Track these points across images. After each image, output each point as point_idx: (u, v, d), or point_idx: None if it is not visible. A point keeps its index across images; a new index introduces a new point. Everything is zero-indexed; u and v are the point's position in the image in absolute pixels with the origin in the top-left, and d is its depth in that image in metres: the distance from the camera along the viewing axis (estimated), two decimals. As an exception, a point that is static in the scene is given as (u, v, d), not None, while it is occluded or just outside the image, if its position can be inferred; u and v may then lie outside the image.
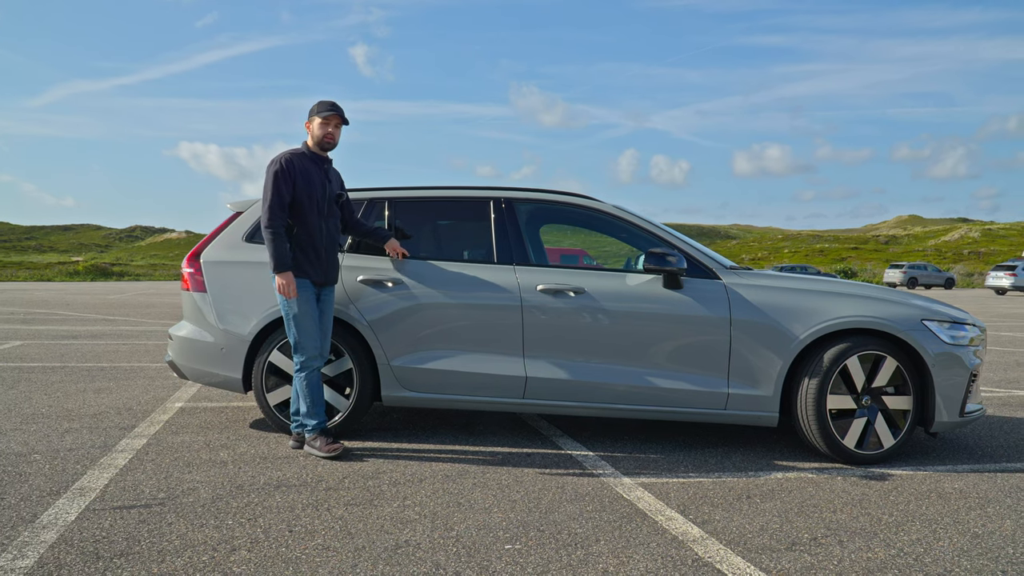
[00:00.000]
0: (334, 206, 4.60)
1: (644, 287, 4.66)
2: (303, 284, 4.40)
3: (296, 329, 4.38)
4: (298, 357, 4.42)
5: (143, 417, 5.35)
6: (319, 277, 4.48)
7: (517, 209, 4.98)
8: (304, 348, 4.40)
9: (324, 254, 4.49)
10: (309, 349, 4.40)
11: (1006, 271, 37.79)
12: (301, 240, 4.43)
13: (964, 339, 4.58)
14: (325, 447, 4.36)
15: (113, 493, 3.64)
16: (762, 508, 3.65)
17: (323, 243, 4.48)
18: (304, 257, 4.43)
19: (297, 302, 4.36)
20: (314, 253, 4.44)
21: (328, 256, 4.52)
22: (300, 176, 4.41)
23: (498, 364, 4.70)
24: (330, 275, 4.55)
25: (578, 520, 3.42)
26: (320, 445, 4.37)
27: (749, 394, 4.53)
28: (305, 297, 4.39)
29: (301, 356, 4.41)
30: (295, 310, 4.36)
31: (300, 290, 4.38)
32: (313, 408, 4.44)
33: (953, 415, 4.51)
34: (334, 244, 4.58)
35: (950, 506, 3.74)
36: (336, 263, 4.61)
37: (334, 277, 4.59)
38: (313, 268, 4.45)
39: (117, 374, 7.33)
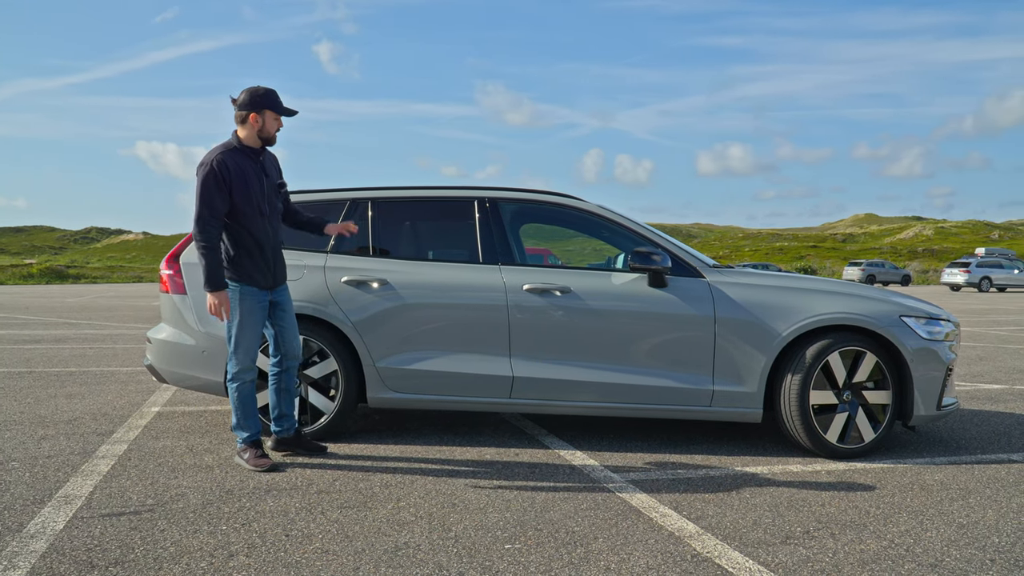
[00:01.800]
0: (275, 199, 4.28)
1: (630, 286, 4.69)
2: (249, 291, 4.13)
3: (234, 338, 4.12)
4: (231, 367, 4.15)
5: (120, 422, 5.26)
6: (268, 281, 4.21)
7: (502, 209, 4.98)
8: (239, 358, 4.13)
9: (271, 256, 4.22)
10: (245, 360, 4.14)
11: (960, 268, 38.66)
12: (247, 245, 4.12)
13: (940, 334, 4.68)
14: (253, 460, 4.13)
15: (100, 500, 3.57)
16: (753, 503, 3.70)
17: (268, 243, 4.18)
18: (251, 263, 4.13)
19: (240, 310, 4.10)
20: (261, 258, 4.16)
21: (275, 256, 4.25)
22: (236, 178, 4.03)
23: (484, 364, 4.69)
24: (279, 275, 4.29)
25: (574, 518, 3.44)
26: (249, 458, 4.14)
27: (734, 391, 4.58)
28: (249, 306, 4.12)
29: (235, 366, 4.14)
30: (236, 318, 4.11)
31: (246, 298, 4.11)
32: (245, 420, 4.20)
33: (930, 409, 4.60)
34: (278, 240, 4.30)
35: (933, 497, 3.82)
36: (283, 261, 4.36)
37: (284, 275, 4.35)
38: (261, 273, 4.17)
39: (87, 379, 7.19)
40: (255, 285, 4.16)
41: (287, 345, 4.37)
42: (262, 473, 4.07)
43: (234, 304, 4.13)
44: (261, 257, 4.17)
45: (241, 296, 4.13)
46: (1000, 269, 38.60)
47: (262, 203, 4.16)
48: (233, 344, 4.15)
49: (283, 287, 4.37)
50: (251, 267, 4.14)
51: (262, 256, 4.17)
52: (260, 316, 4.20)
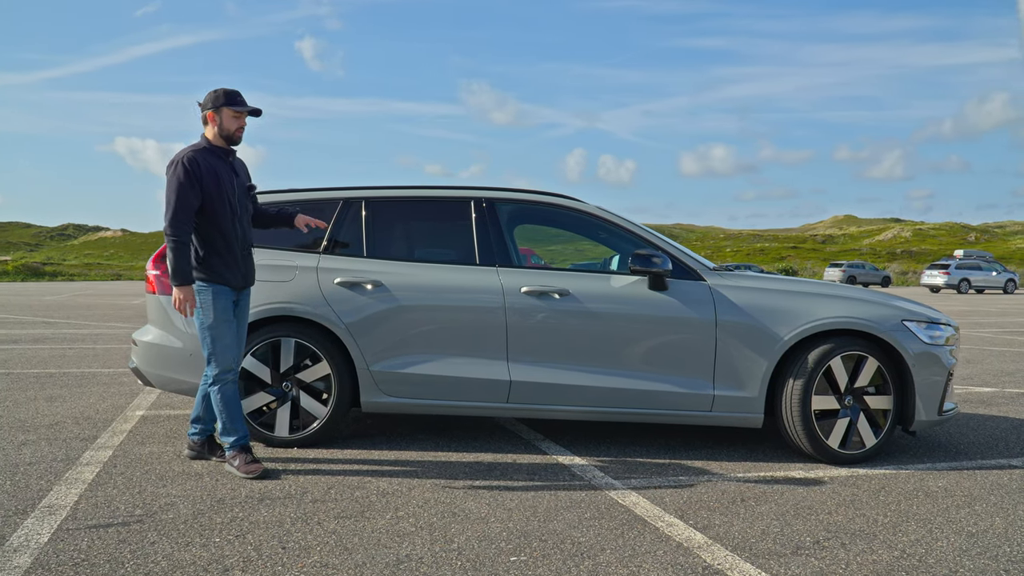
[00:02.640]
0: (245, 200, 4.24)
1: (629, 288, 4.61)
2: (222, 291, 4.06)
3: (211, 340, 4.03)
4: (211, 369, 4.06)
5: (104, 427, 5.11)
6: (238, 282, 4.13)
7: (498, 209, 4.88)
8: (219, 360, 4.04)
9: (241, 255, 4.14)
10: (225, 361, 4.05)
11: (940, 270, 38.99)
12: (217, 245, 4.05)
13: (941, 338, 4.63)
14: (244, 466, 4.02)
15: (85, 511, 3.44)
16: (759, 511, 3.62)
17: (239, 244, 4.12)
18: (221, 262, 4.06)
19: (214, 311, 4.02)
20: (231, 257, 4.09)
21: (245, 257, 4.18)
22: (207, 175, 3.99)
23: (481, 368, 4.59)
24: (248, 277, 4.23)
25: (578, 528, 3.35)
26: (239, 464, 4.04)
27: (735, 395, 4.51)
28: (223, 305, 4.05)
29: (215, 369, 4.05)
30: (211, 319, 4.01)
31: (219, 298, 4.03)
32: (231, 424, 4.08)
33: (932, 414, 4.55)
34: (249, 242, 4.24)
35: (939, 505, 3.77)
36: (253, 262, 4.30)
37: (252, 278, 4.28)
38: (232, 273, 4.09)
39: (68, 380, 7.01)
40: (227, 284, 4.09)
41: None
42: (254, 481, 3.94)
43: (207, 305, 4.04)
44: (231, 256, 4.10)
45: (214, 296, 4.04)
46: (978, 271, 38.99)
47: (233, 202, 4.12)
48: (210, 345, 4.06)
49: (247, 291, 4.28)
50: (222, 266, 4.07)
51: (231, 255, 4.10)
52: (231, 316, 4.11)
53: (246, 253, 4.21)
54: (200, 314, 4.05)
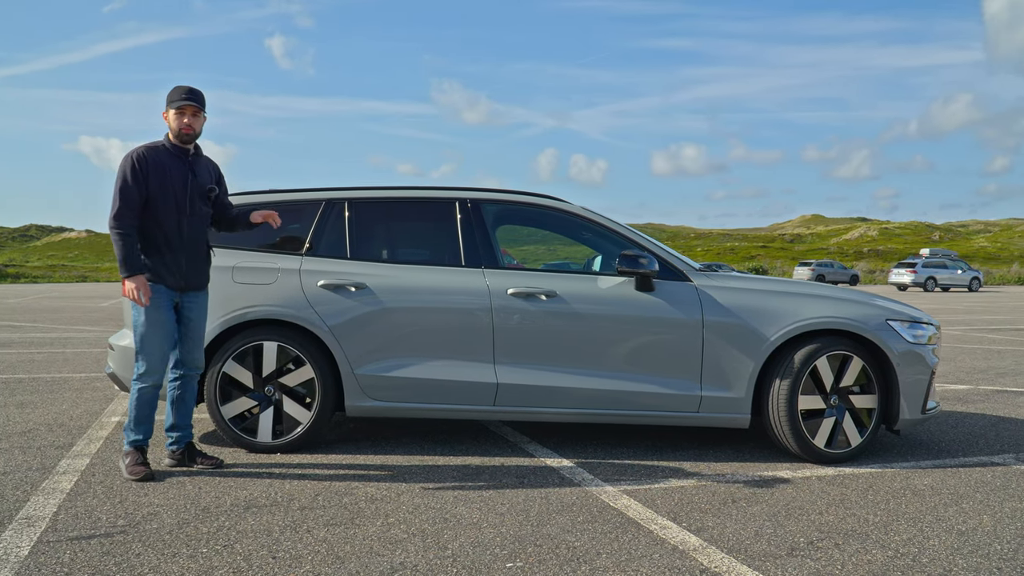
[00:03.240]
0: (200, 203, 4.15)
1: (616, 290, 4.58)
2: (157, 290, 4.00)
3: (139, 338, 4.00)
4: (137, 366, 4.03)
5: (79, 434, 4.99)
6: (177, 282, 4.06)
7: (484, 210, 4.84)
8: (144, 359, 4.00)
9: (183, 256, 4.08)
10: (149, 363, 4.00)
11: (907, 268, 39.54)
12: (157, 242, 4.01)
13: (924, 337, 4.66)
14: (131, 467, 3.97)
15: (66, 522, 3.34)
16: (750, 512, 3.61)
17: (182, 244, 4.07)
18: (160, 261, 4.02)
19: (146, 309, 3.96)
20: (171, 255, 4.03)
21: (189, 258, 4.11)
22: (154, 171, 3.98)
23: (468, 371, 4.55)
24: (192, 279, 4.14)
25: (572, 532, 3.31)
26: (128, 463, 3.99)
27: (722, 396, 4.50)
28: (156, 304, 3.98)
29: (140, 368, 4.01)
30: (142, 317, 3.97)
31: (154, 296, 3.99)
32: (136, 425, 4.04)
33: (915, 412, 4.58)
34: (198, 244, 4.17)
35: (927, 503, 3.79)
36: (202, 265, 4.21)
37: (199, 281, 4.19)
38: (169, 272, 4.04)
39: (39, 386, 6.85)
40: (163, 283, 4.04)
41: (186, 352, 4.20)
42: (238, 488, 3.86)
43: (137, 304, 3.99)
44: (171, 255, 4.05)
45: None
46: (944, 269, 39.58)
47: (181, 200, 4.07)
48: (139, 343, 4.02)
49: (197, 294, 4.21)
50: (160, 265, 4.04)
51: (172, 254, 4.06)
52: (166, 314, 4.05)
53: (193, 255, 4.14)
54: (134, 310, 4.02)
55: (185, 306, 4.16)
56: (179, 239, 4.07)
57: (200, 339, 4.24)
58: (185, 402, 4.25)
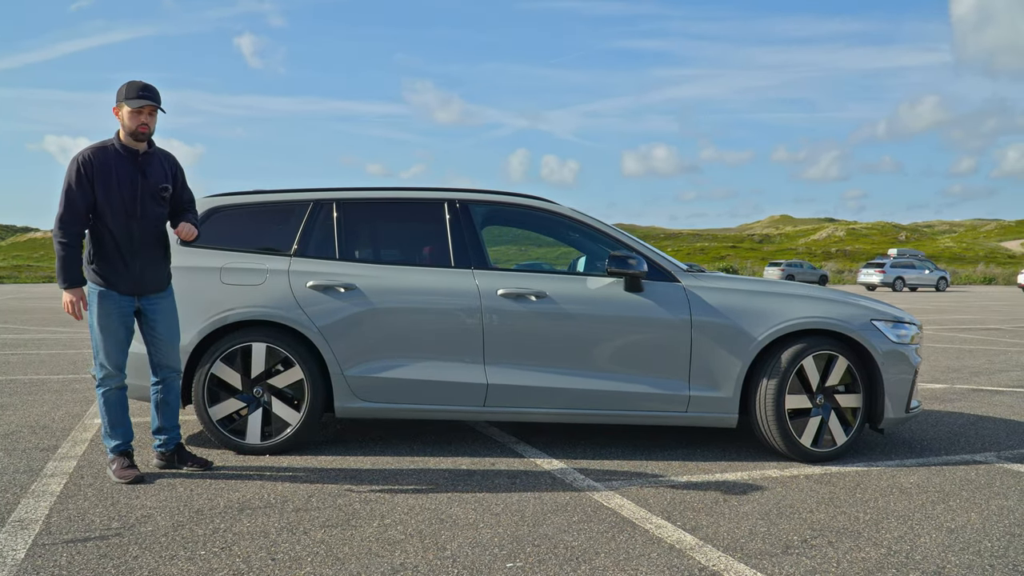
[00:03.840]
0: (152, 204, 3.99)
1: (605, 290, 4.61)
2: (109, 296, 3.91)
3: (94, 343, 3.96)
4: (97, 372, 3.99)
5: (63, 436, 4.92)
6: (128, 287, 3.95)
7: (472, 211, 4.84)
8: (101, 365, 3.96)
9: (135, 261, 3.94)
10: (106, 368, 3.95)
11: (876, 268, 40.10)
12: (106, 247, 3.90)
13: (907, 337, 4.74)
14: (120, 471, 3.93)
15: (59, 524, 3.30)
16: (742, 511, 3.65)
17: (132, 248, 3.92)
18: (108, 267, 3.90)
19: (97, 314, 3.90)
20: (120, 261, 3.91)
21: (144, 263, 3.97)
22: (100, 175, 3.83)
23: (458, 371, 4.55)
24: (148, 283, 4.01)
25: (569, 532, 3.33)
26: (116, 469, 3.95)
27: (710, 396, 4.55)
28: (106, 310, 3.90)
29: (99, 373, 3.97)
30: (94, 322, 3.92)
31: (104, 301, 3.89)
32: (112, 429, 4.00)
33: (899, 411, 4.66)
34: (152, 247, 4.02)
35: (915, 501, 3.85)
36: (159, 267, 4.07)
37: (157, 284, 4.06)
38: (120, 278, 3.91)
39: (17, 388, 6.74)
40: (114, 289, 3.94)
41: (161, 355, 4.13)
42: (232, 490, 3.83)
43: (92, 307, 3.94)
44: (121, 260, 3.93)
45: (99, 299, 3.93)
46: (912, 269, 40.20)
47: (131, 204, 3.92)
48: (95, 348, 3.98)
49: (159, 295, 4.10)
50: (109, 270, 3.91)
51: (122, 259, 3.93)
52: (119, 321, 3.97)
53: (148, 259, 4.00)
54: (89, 318, 3.97)
55: (148, 310, 4.05)
56: (129, 244, 3.93)
57: (173, 339, 4.15)
58: (169, 404, 4.19)
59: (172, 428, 4.21)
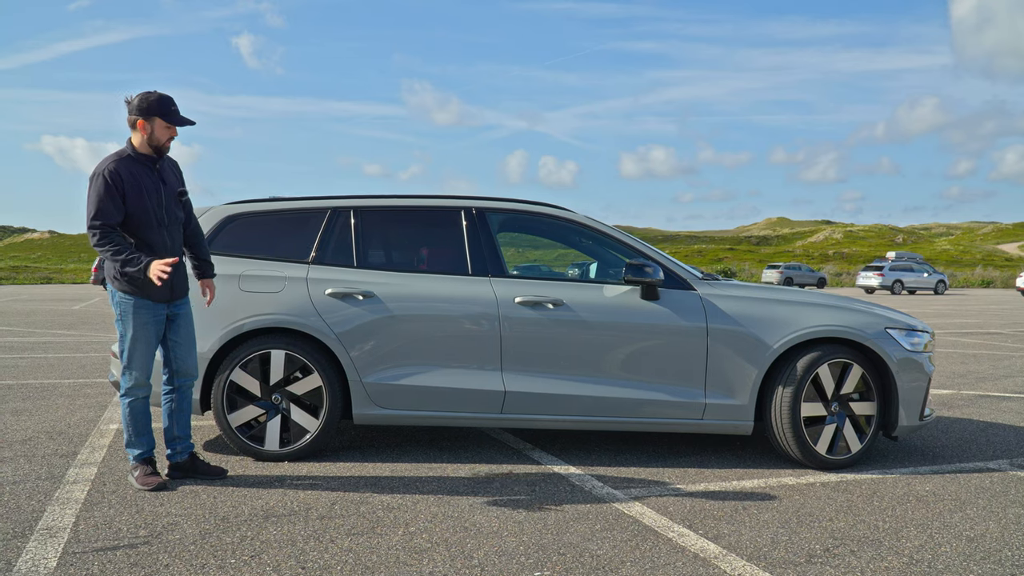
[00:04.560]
0: (174, 208, 4.05)
1: (622, 298, 4.64)
2: (144, 304, 3.93)
3: (127, 353, 3.96)
4: (124, 381, 3.99)
5: (81, 442, 4.94)
6: (163, 295, 3.99)
7: (489, 219, 4.87)
8: (131, 374, 3.97)
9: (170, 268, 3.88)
10: (137, 376, 3.96)
11: (874, 271, 40.17)
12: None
13: (920, 345, 4.78)
14: (142, 479, 3.96)
15: (87, 532, 3.32)
16: (762, 519, 3.69)
17: (165, 255, 3.94)
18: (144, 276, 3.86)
19: (133, 325, 3.92)
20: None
21: (175, 268, 3.97)
22: (130, 186, 3.84)
23: (475, 378, 4.58)
24: (178, 287, 4.07)
25: (593, 541, 3.36)
26: (138, 476, 3.98)
27: (725, 403, 4.58)
28: (142, 320, 3.93)
29: (128, 382, 3.98)
30: (129, 332, 3.93)
31: (139, 312, 3.92)
32: (136, 438, 4.02)
33: (913, 419, 4.69)
34: (178, 253, 4.06)
35: (932, 510, 3.89)
36: (183, 273, 4.11)
37: (183, 289, 4.12)
38: (154, 286, 3.91)
39: (29, 393, 6.76)
40: (150, 298, 3.96)
41: (178, 362, 4.16)
42: (255, 497, 3.86)
43: (127, 317, 3.95)
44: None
45: (135, 309, 3.94)
46: (911, 272, 40.29)
47: (160, 212, 3.96)
48: (126, 358, 3.98)
49: (183, 301, 4.16)
50: (144, 281, 3.90)
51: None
52: (154, 330, 4.01)
53: (176, 264, 3.99)
54: (120, 325, 3.97)
55: (172, 315, 4.09)
56: (163, 250, 3.96)
57: (192, 345, 4.20)
58: (183, 411, 4.22)
59: (186, 436, 4.24)
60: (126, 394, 4.01)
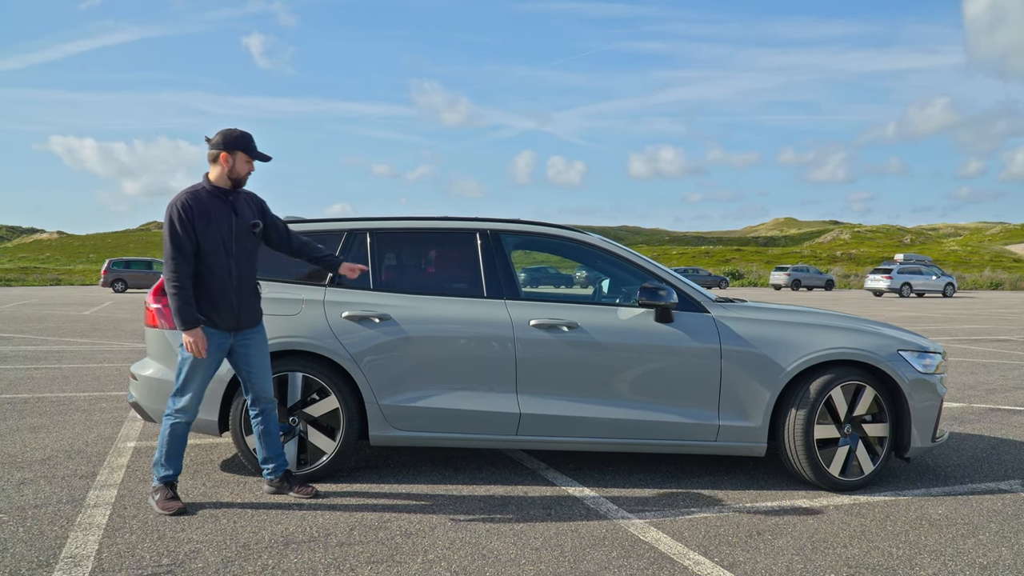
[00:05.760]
0: (246, 241, 4.20)
1: (636, 321, 4.68)
2: (209, 333, 4.08)
3: (182, 377, 4.09)
4: (172, 402, 4.12)
5: (99, 462, 5.00)
6: (229, 324, 4.14)
7: (504, 241, 4.91)
8: (181, 397, 4.10)
9: (235, 298, 4.14)
10: (187, 401, 4.10)
11: (883, 274, 40.07)
12: (207, 286, 4.08)
13: (932, 366, 4.80)
14: (163, 503, 4.04)
15: (111, 560, 3.37)
16: (777, 546, 3.72)
17: (232, 286, 4.12)
18: (209, 304, 4.08)
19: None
20: (223, 299, 4.10)
21: (240, 299, 4.16)
22: (199, 218, 4.02)
23: (491, 401, 4.62)
24: (245, 318, 4.21)
25: (610, 569, 3.40)
26: (159, 499, 4.06)
27: (739, 425, 4.61)
28: (206, 347, 4.06)
29: (175, 404, 4.11)
30: (190, 358, 4.07)
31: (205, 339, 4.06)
32: (167, 460, 4.12)
33: (926, 440, 4.72)
34: (248, 283, 4.23)
35: (945, 535, 3.91)
36: (253, 303, 4.26)
37: (252, 319, 4.26)
38: (220, 316, 4.10)
39: (46, 407, 6.83)
40: (212, 327, 4.11)
41: (258, 388, 4.29)
42: (275, 523, 3.91)
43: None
44: (223, 298, 4.12)
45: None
46: (919, 275, 40.19)
47: (229, 243, 4.12)
48: (180, 382, 4.11)
49: (253, 330, 4.29)
50: (209, 309, 4.09)
51: (223, 297, 4.12)
52: (214, 358, 4.15)
53: (245, 294, 4.20)
54: (182, 349, 4.09)
55: (242, 344, 4.23)
56: (229, 281, 4.12)
57: (267, 371, 4.32)
58: (271, 434, 4.34)
59: (277, 456, 4.37)
60: (171, 415, 4.12)
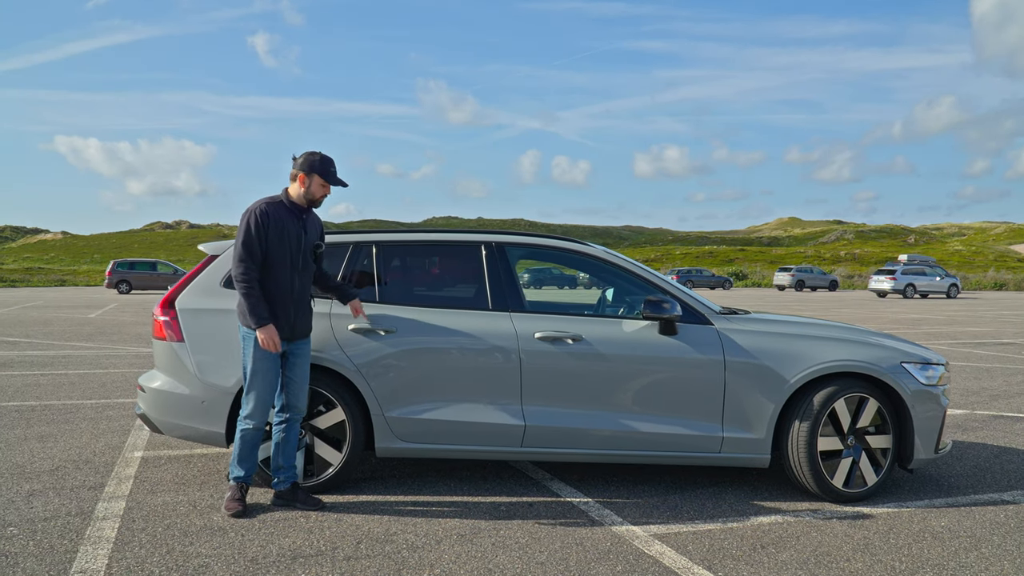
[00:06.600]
0: (309, 258, 4.42)
1: (640, 334, 4.70)
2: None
3: (247, 382, 4.28)
4: (243, 408, 4.30)
5: (107, 472, 5.04)
6: (286, 332, 4.30)
7: (509, 253, 4.94)
8: (251, 405, 4.28)
9: (293, 308, 4.31)
10: (254, 406, 4.27)
11: (887, 275, 40.01)
12: (271, 293, 4.26)
13: (935, 378, 4.82)
14: (228, 502, 4.27)
15: (121, 575, 3.41)
16: (781, 559, 3.74)
17: (293, 297, 4.31)
18: (272, 313, 4.25)
19: (255, 358, 4.24)
20: (282, 309, 4.27)
21: (297, 311, 4.34)
22: (274, 228, 4.24)
23: (496, 413, 4.65)
24: (299, 329, 4.37)
25: (615, 584, 3.42)
26: (228, 498, 4.30)
27: (743, 437, 4.64)
28: (263, 354, 4.24)
29: (246, 409, 4.29)
30: (249, 364, 4.26)
31: (259, 346, 4.22)
32: (240, 461, 4.33)
33: (929, 452, 4.74)
34: (305, 296, 4.40)
35: (947, 548, 3.93)
36: (307, 316, 4.42)
37: (304, 330, 4.41)
38: (278, 323, 4.26)
39: (53, 415, 6.87)
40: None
41: (292, 397, 4.39)
42: (281, 536, 3.94)
43: (248, 349, 4.27)
44: (281, 307, 4.28)
45: (255, 343, 4.24)
46: (923, 276, 40.13)
47: (296, 256, 4.32)
48: (247, 387, 4.29)
49: (303, 341, 4.43)
50: (271, 317, 4.24)
51: (282, 307, 4.28)
52: (273, 363, 4.29)
53: (300, 306, 4.36)
54: (245, 358, 4.27)
55: (292, 353, 4.37)
56: (290, 293, 4.30)
57: (305, 382, 4.42)
58: (289, 443, 4.43)
59: (291, 467, 4.44)
60: (243, 420, 4.31)
